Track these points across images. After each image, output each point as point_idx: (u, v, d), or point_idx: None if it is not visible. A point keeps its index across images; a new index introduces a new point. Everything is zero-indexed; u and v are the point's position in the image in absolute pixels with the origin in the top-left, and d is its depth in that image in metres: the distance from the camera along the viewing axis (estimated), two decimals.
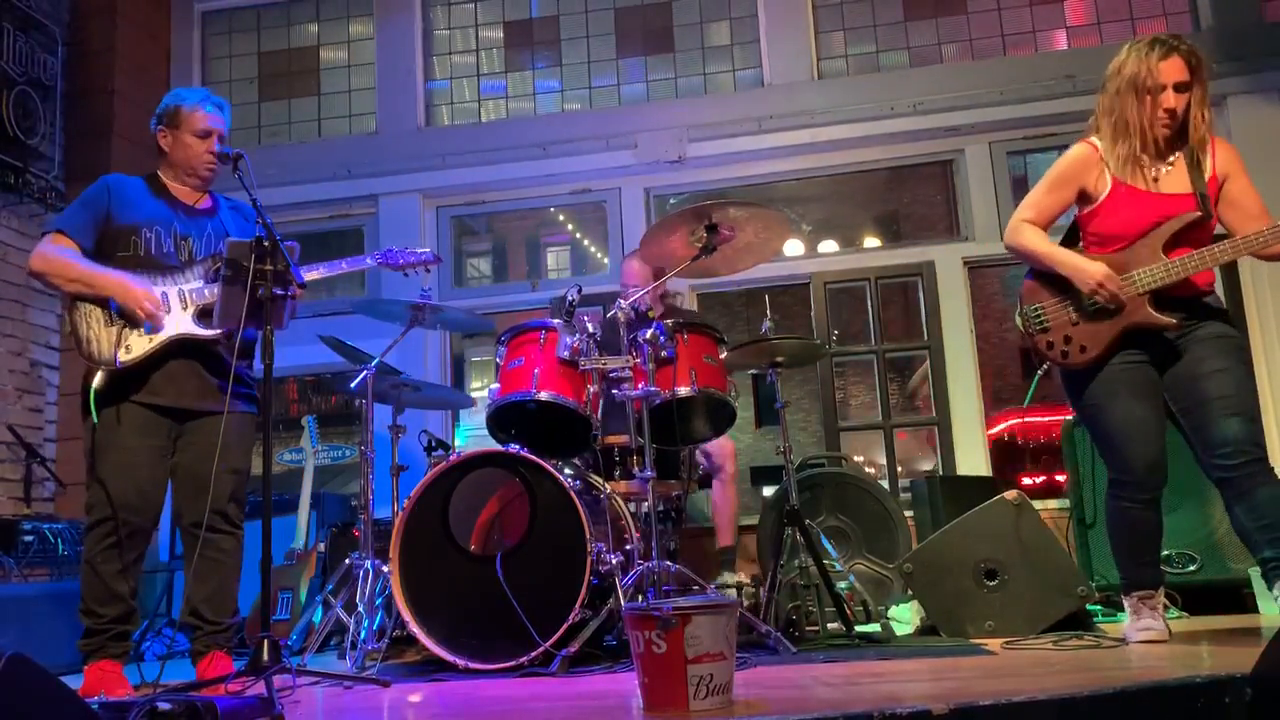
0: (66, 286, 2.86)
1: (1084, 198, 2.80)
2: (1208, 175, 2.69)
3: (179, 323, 2.88)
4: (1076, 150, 2.82)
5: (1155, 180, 2.71)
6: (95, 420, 2.82)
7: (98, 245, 2.93)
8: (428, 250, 3.40)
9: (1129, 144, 2.70)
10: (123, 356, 2.81)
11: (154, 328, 2.84)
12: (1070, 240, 2.88)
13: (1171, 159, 2.72)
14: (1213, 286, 2.75)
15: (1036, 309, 2.82)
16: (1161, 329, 2.67)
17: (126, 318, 2.84)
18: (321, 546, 4.51)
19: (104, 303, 2.85)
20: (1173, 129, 2.68)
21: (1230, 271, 4.88)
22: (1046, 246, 2.79)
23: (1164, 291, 2.65)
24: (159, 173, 3.10)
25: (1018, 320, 2.88)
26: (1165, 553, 3.47)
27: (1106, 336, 2.70)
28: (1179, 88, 2.64)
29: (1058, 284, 2.77)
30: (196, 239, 3.01)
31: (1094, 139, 2.81)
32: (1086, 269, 2.68)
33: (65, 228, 2.92)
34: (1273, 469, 2.58)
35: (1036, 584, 3.10)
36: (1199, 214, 2.64)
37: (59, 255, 2.86)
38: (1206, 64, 2.68)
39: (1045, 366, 2.88)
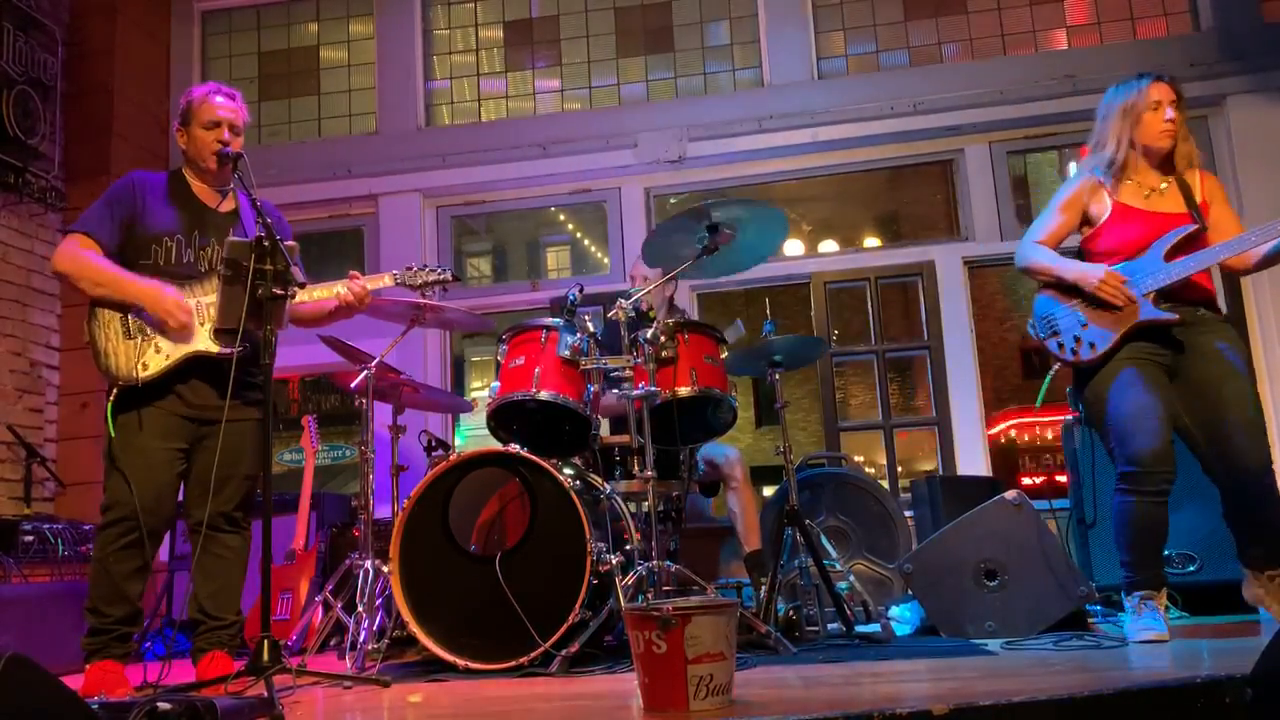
0: (93, 291, 2.81)
1: (1086, 222, 3.01)
2: (1198, 199, 2.91)
3: (195, 339, 2.85)
4: (1078, 178, 3.03)
5: (1150, 201, 2.92)
6: (113, 432, 2.78)
7: (120, 250, 2.88)
8: (446, 268, 3.32)
9: (1128, 166, 2.93)
10: (141, 373, 2.78)
11: (180, 339, 2.80)
12: None
13: (1163, 184, 2.94)
14: (1216, 295, 2.94)
15: (1047, 315, 2.98)
16: (1165, 325, 2.80)
17: (154, 327, 2.80)
18: (321, 546, 4.51)
19: (124, 312, 2.81)
20: (1174, 142, 2.89)
21: (1231, 275, 4.86)
22: (1053, 260, 2.97)
23: (1168, 294, 2.82)
24: (183, 170, 3.05)
25: (1030, 329, 3.05)
26: (1165, 553, 3.48)
27: (1114, 335, 2.85)
28: (1174, 105, 2.88)
29: (1067, 292, 2.95)
30: (218, 247, 2.93)
31: (1093, 168, 3.00)
32: (1090, 270, 2.87)
33: (89, 230, 2.85)
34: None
35: (1036, 584, 3.10)
36: (1196, 226, 2.84)
37: (86, 257, 2.81)
38: (1185, 97, 2.93)
39: (1056, 367, 3.04)
